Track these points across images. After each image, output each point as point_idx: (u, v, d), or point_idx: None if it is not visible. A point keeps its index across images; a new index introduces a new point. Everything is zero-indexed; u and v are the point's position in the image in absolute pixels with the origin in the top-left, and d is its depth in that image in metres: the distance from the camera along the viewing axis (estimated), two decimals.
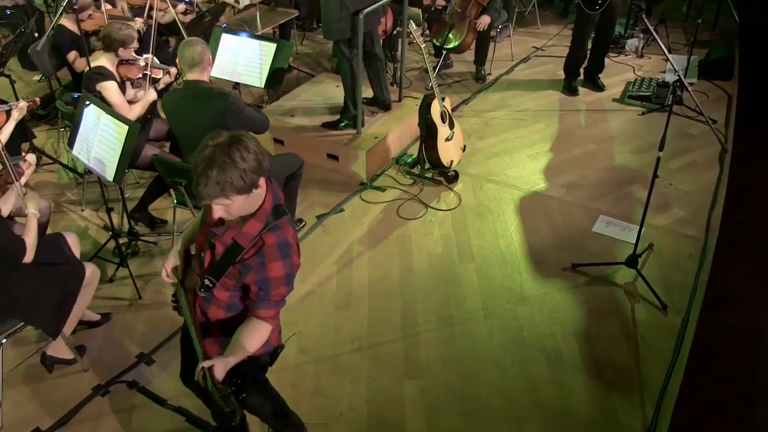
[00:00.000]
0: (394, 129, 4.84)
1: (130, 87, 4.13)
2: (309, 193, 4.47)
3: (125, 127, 3.19)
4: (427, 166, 4.61)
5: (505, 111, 5.64)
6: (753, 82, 5.83)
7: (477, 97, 5.88)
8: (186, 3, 5.80)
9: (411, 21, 4.46)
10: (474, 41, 5.90)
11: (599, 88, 5.96)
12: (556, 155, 4.96)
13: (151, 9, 4.99)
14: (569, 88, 5.93)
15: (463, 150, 4.73)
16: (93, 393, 3.03)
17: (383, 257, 3.93)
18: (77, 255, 3.13)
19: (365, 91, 4.82)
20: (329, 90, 5.34)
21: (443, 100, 4.42)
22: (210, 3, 6.63)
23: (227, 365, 1.87)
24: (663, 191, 4.43)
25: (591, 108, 5.70)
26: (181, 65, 3.26)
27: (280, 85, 4.53)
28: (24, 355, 3.22)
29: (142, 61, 3.99)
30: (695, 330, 3.35)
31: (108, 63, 3.88)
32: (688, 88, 3.32)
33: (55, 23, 4.55)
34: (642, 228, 3.62)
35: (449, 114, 4.48)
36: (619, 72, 6.31)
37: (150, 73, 4.01)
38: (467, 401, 3.02)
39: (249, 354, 2.00)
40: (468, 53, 6.19)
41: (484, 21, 5.68)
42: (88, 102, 3.44)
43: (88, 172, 4.11)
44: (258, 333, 2.03)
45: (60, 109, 4.27)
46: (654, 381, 3.09)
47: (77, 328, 3.21)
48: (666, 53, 3.48)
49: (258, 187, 1.92)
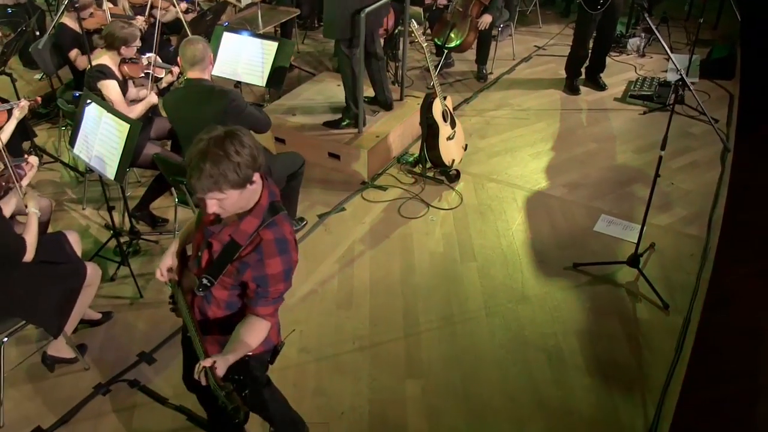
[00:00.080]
0: (395, 128, 4.83)
1: (132, 86, 4.13)
2: (310, 192, 4.47)
3: (126, 126, 3.19)
4: (429, 165, 4.60)
5: (507, 110, 5.63)
6: (755, 81, 5.83)
7: (478, 96, 5.88)
8: (188, 2, 5.80)
9: (412, 20, 4.46)
10: (475, 40, 5.90)
11: (601, 87, 5.95)
12: (557, 154, 4.96)
13: (153, 7, 5.00)
14: (571, 87, 5.92)
15: (465, 149, 4.72)
16: (94, 392, 3.03)
17: (385, 256, 3.93)
18: (78, 254, 3.13)
19: (366, 90, 4.82)
20: (331, 89, 5.34)
21: (445, 99, 4.41)
22: (211, 2, 6.63)
23: (227, 363, 1.87)
24: (665, 190, 4.42)
25: (592, 107, 5.69)
26: (183, 63, 3.26)
27: (281, 84, 4.52)
28: (25, 354, 3.22)
29: (144, 60, 3.99)
30: (697, 329, 3.35)
31: (110, 61, 3.88)
32: (690, 87, 3.32)
33: (57, 21, 4.54)
34: (644, 227, 3.61)
35: (451, 113, 4.48)
36: (621, 71, 6.30)
37: (152, 72, 4.01)
38: (469, 401, 3.01)
39: (248, 351, 2.00)
40: (469, 52, 6.19)
41: (485, 20, 5.68)
42: (89, 101, 3.43)
43: (89, 170, 4.12)
44: (257, 330, 2.03)
45: (61, 108, 4.27)
46: (655, 380, 3.08)
47: (78, 326, 3.21)
48: (668, 52, 3.47)
49: (253, 183, 1.91)
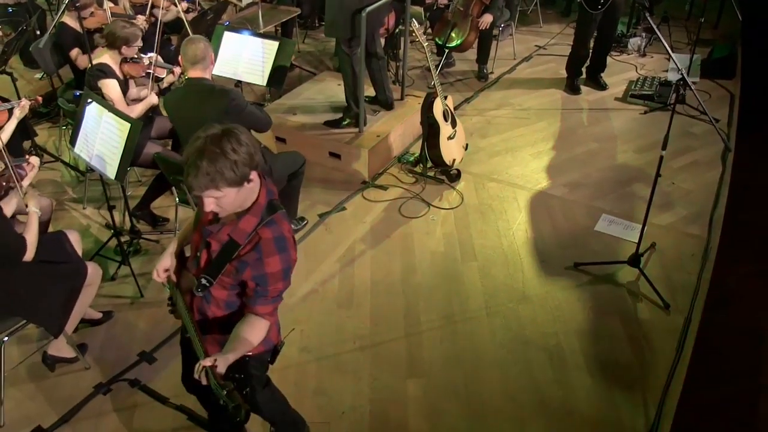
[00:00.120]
0: (396, 127, 4.83)
1: (133, 85, 4.13)
2: (311, 192, 4.47)
3: (127, 125, 3.18)
4: (430, 164, 4.60)
5: (508, 110, 5.63)
6: (756, 81, 5.83)
7: (479, 96, 5.87)
8: (189, 1, 5.79)
9: (413, 19, 4.45)
10: (476, 40, 5.89)
11: (601, 86, 5.95)
12: (558, 154, 4.95)
13: (154, 7, 4.99)
14: (571, 86, 5.92)
15: (466, 148, 4.72)
16: (95, 391, 3.03)
17: (385, 256, 3.92)
18: (79, 253, 3.12)
19: (367, 90, 4.81)
20: (331, 88, 5.33)
21: (445, 98, 4.41)
22: (212, 1, 6.63)
23: (227, 362, 1.87)
24: (665, 190, 4.42)
25: (593, 107, 5.69)
26: (184, 62, 3.25)
27: (282, 84, 4.52)
28: (26, 353, 3.22)
29: (146, 60, 3.98)
30: (697, 329, 3.34)
31: (111, 60, 3.88)
32: (691, 87, 3.31)
33: (57, 21, 4.54)
34: (644, 227, 3.61)
35: (451, 112, 4.47)
36: (622, 71, 6.30)
37: (153, 72, 4.00)
38: (469, 400, 3.01)
39: (248, 350, 2.00)
40: (470, 52, 6.19)
41: (486, 19, 5.67)
42: (90, 100, 3.43)
43: (89, 170, 4.12)
44: (256, 329, 2.03)
45: (62, 107, 4.27)
46: (656, 380, 3.08)
47: (79, 326, 3.21)
48: (669, 52, 3.46)
49: (250, 181, 1.91)
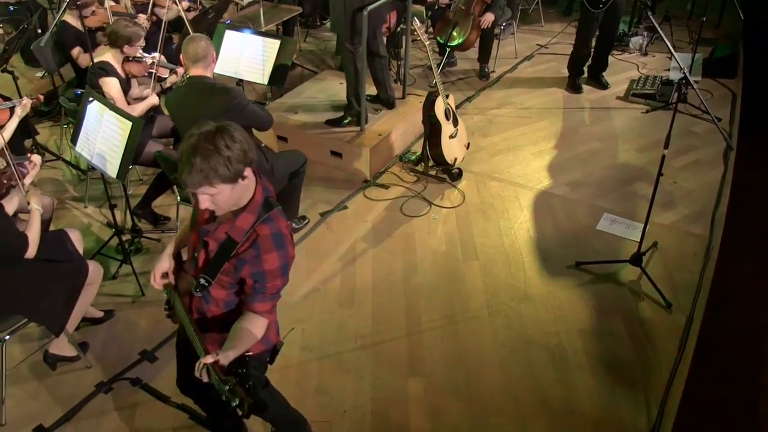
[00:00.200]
0: (397, 126, 4.82)
1: (135, 84, 4.12)
2: (312, 191, 4.46)
3: (129, 124, 3.18)
4: (431, 163, 4.60)
5: (509, 108, 5.62)
6: (757, 80, 5.82)
7: (481, 95, 5.87)
8: (190, 0, 5.79)
9: (415, 18, 4.45)
10: (478, 39, 5.89)
11: (603, 86, 5.94)
12: (560, 153, 4.95)
13: (155, 5, 4.99)
14: (573, 85, 5.91)
15: (467, 147, 4.71)
16: (96, 390, 3.03)
17: (387, 255, 3.92)
18: (80, 252, 3.12)
19: (369, 89, 4.80)
20: (333, 87, 5.33)
21: (447, 97, 4.40)
22: (213, 0, 6.62)
23: (227, 359, 1.86)
24: (667, 189, 4.41)
25: (595, 106, 5.68)
26: (185, 61, 3.25)
27: (283, 82, 4.52)
28: (27, 352, 3.22)
29: (148, 60, 3.98)
30: (699, 328, 3.34)
31: (112, 59, 3.88)
32: (694, 86, 3.30)
33: (59, 20, 4.54)
34: (646, 226, 3.60)
35: (453, 111, 4.47)
36: (623, 70, 6.29)
37: (155, 72, 3.99)
38: (471, 400, 3.01)
39: (248, 347, 1.99)
40: (472, 51, 6.19)
41: (488, 18, 5.67)
42: (91, 98, 3.43)
43: (91, 168, 4.12)
44: (255, 327, 2.02)
45: (63, 106, 4.27)
46: (658, 379, 3.08)
47: (80, 325, 3.21)
48: (671, 51, 3.45)
49: (245, 178, 1.91)
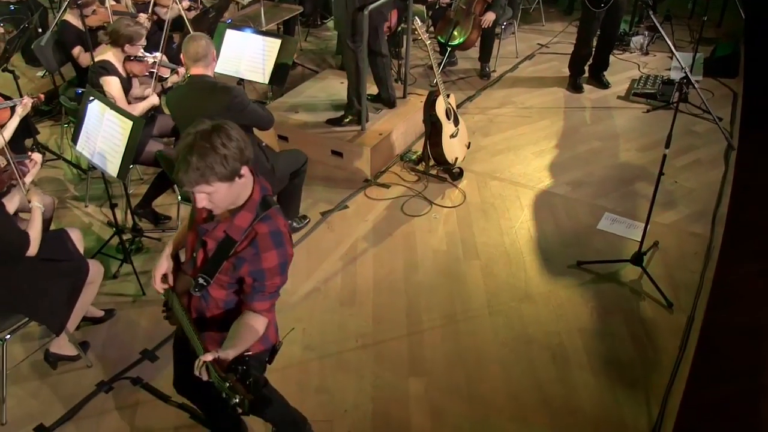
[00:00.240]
0: (398, 125, 4.82)
1: (136, 84, 4.12)
2: (313, 190, 4.46)
3: (129, 123, 3.18)
4: (432, 163, 4.59)
5: (510, 108, 5.62)
6: (759, 79, 5.81)
7: (482, 94, 5.86)
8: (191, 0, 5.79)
9: (416, 17, 4.44)
10: (479, 38, 5.89)
11: (604, 85, 5.94)
12: (560, 152, 4.95)
13: (156, 5, 4.98)
14: (574, 85, 5.91)
15: (468, 147, 4.71)
16: (97, 389, 3.03)
17: (388, 254, 3.92)
18: (81, 251, 3.12)
19: (370, 88, 4.80)
20: (333, 86, 5.33)
21: (448, 96, 4.40)
22: None
23: (227, 357, 1.86)
24: (668, 189, 4.41)
25: (596, 105, 5.67)
26: (186, 60, 3.25)
27: (284, 82, 4.51)
28: (28, 351, 3.22)
29: (150, 59, 3.97)
30: (700, 328, 3.34)
31: (114, 58, 3.87)
32: (695, 85, 3.29)
33: (59, 19, 4.53)
34: (647, 225, 3.60)
35: (454, 111, 4.46)
36: (624, 69, 6.28)
37: (156, 72, 3.99)
38: (472, 399, 3.01)
39: (247, 347, 1.98)
40: (473, 50, 6.19)
41: (488, 18, 5.67)
42: (92, 97, 3.42)
43: (91, 168, 4.12)
44: (254, 326, 2.02)
45: (64, 105, 4.27)
46: (659, 379, 3.07)
47: (81, 324, 3.21)
48: (673, 50, 3.45)
49: (242, 177, 1.91)
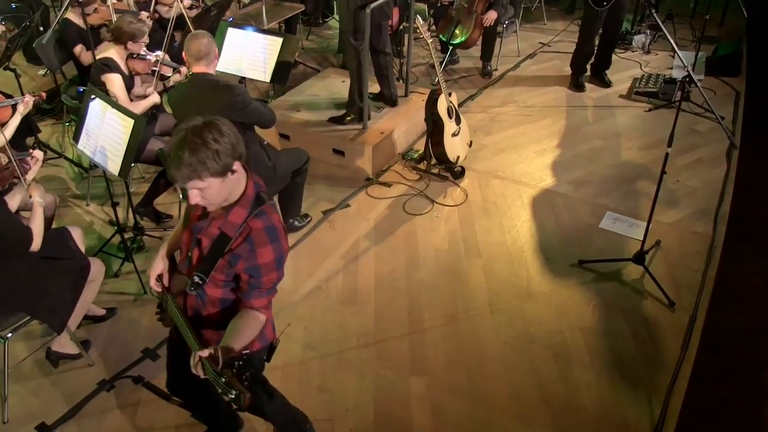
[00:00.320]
0: (400, 124, 4.82)
1: (138, 82, 4.11)
2: (315, 189, 4.46)
3: (131, 121, 3.17)
4: (434, 161, 4.59)
5: (512, 107, 5.61)
6: (761, 78, 5.80)
7: (483, 93, 5.86)
8: None
9: (417, 16, 4.44)
10: (480, 37, 5.88)
11: (606, 84, 5.93)
12: (562, 151, 4.94)
13: (157, 3, 4.98)
14: (576, 84, 5.90)
15: (470, 146, 4.71)
16: (98, 388, 3.03)
17: (389, 253, 3.91)
18: (82, 249, 3.12)
19: (371, 87, 4.80)
20: (335, 85, 5.32)
21: (450, 95, 4.40)
22: None
23: (226, 353, 1.85)
24: (670, 188, 4.40)
25: (598, 104, 5.67)
26: (188, 58, 3.25)
27: (285, 80, 4.51)
28: (30, 350, 3.22)
29: (152, 58, 3.97)
30: (702, 327, 3.33)
31: (116, 55, 3.87)
32: (697, 84, 3.29)
33: (61, 17, 4.53)
34: (649, 224, 3.59)
35: (456, 109, 4.46)
36: (626, 68, 6.28)
37: (159, 70, 3.99)
38: (473, 398, 3.00)
39: (245, 344, 1.98)
40: (474, 49, 6.18)
41: (490, 16, 5.66)
42: (93, 96, 3.42)
43: (93, 166, 4.11)
44: (252, 324, 2.01)
45: (65, 103, 4.26)
46: (661, 378, 3.07)
47: (82, 322, 3.21)
48: (675, 49, 3.44)
49: (234, 172, 1.91)
